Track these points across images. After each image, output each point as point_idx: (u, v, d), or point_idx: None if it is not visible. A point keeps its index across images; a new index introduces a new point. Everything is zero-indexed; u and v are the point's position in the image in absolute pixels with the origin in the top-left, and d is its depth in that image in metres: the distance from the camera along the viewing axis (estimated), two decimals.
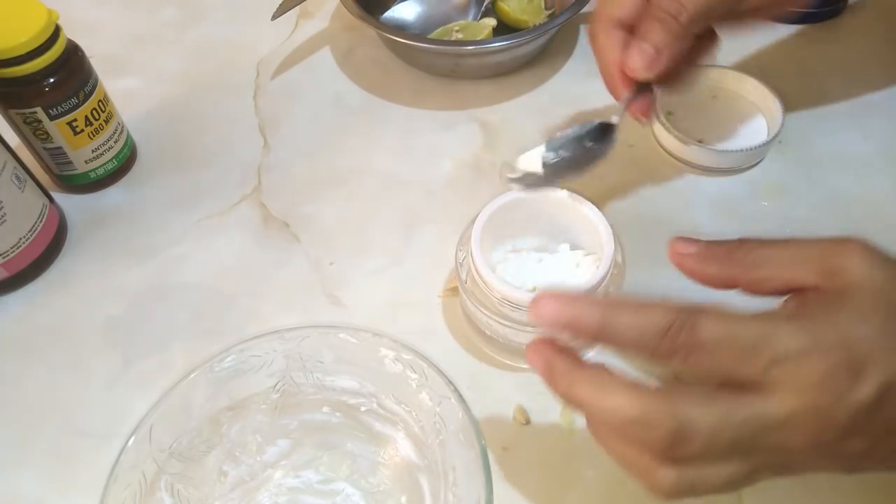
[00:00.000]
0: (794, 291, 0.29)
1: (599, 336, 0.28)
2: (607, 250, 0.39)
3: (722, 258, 0.30)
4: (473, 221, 0.41)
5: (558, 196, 0.41)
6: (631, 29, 0.38)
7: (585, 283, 0.38)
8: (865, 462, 0.28)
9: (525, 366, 0.43)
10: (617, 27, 0.38)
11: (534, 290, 0.41)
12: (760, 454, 0.27)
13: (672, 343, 0.27)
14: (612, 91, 0.39)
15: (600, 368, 0.28)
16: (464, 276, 0.42)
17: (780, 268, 0.29)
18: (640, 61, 0.36)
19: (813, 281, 0.28)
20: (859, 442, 0.27)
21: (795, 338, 0.26)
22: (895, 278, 0.27)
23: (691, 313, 0.27)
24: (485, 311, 0.40)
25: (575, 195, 0.41)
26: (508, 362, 0.43)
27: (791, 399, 0.26)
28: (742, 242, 0.30)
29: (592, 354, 0.38)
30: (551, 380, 0.29)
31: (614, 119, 0.40)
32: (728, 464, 0.27)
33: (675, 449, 0.26)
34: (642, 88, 0.39)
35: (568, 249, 0.43)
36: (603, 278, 0.39)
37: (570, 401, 0.29)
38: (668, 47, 0.36)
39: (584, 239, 0.42)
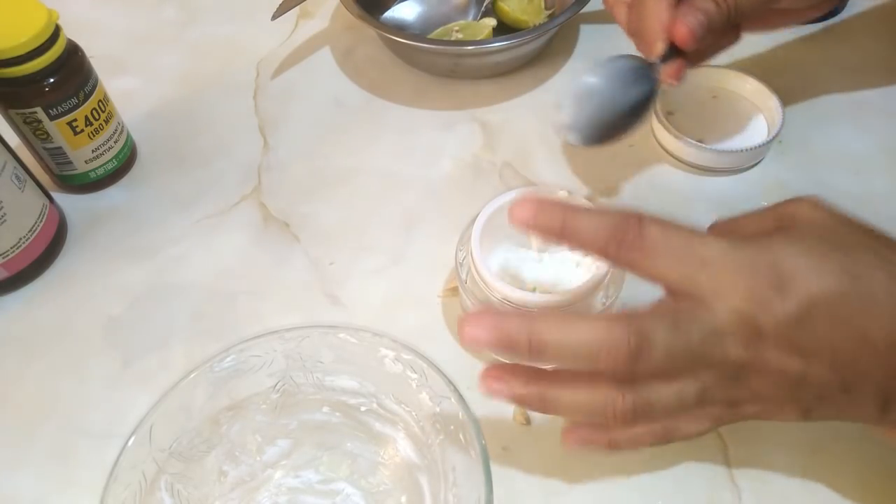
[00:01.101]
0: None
1: (562, 234, 0.30)
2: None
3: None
4: (473, 221, 0.41)
5: (558, 196, 0.41)
6: None
7: (585, 282, 0.38)
8: (808, 395, 0.30)
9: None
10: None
11: (534, 289, 0.41)
12: (708, 370, 0.29)
13: (621, 238, 0.30)
14: (648, 48, 0.40)
15: (549, 313, 0.32)
16: (464, 276, 0.42)
17: (751, 223, 0.33)
18: (697, 28, 0.38)
19: (771, 226, 0.32)
20: (795, 362, 0.29)
21: (725, 250, 0.29)
22: (836, 218, 0.31)
23: (640, 218, 0.30)
24: (476, 304, 0.40)
25: (574, 195, 0.41)
26: (508, 362, 0.43)
27: (722, 307, 0.28)
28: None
29: None
30: (510, 341, 0.29)
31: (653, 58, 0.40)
32: (679, 380, 0.29)
33: (637, 363, 0.28)
34: (671, 54, 0.40)
35: (568, 249, 0.43)
36: (603, 278, 0.39)
37: (537, 350, 0.29)
38: (715, 24, 0.39)
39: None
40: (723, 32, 0.40)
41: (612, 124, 0.39)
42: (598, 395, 0.30)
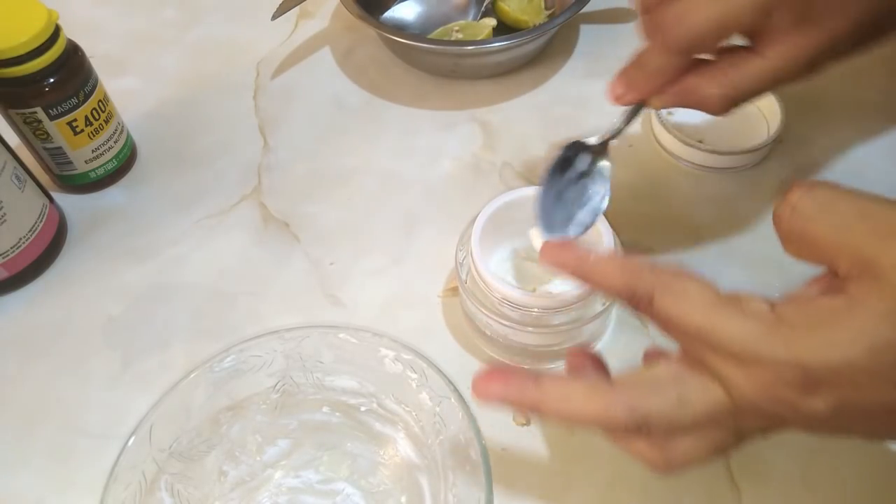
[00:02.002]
0: (830, 272, 0.27)
1: (575, 276, 0.32)
2: (607, 250, 0.39)
3: (777, 223, 0.29)
4: (474, 221, 0.41)
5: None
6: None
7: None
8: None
9: (526, 366, 0.43)
10: (687, 58, 0.35)
11: (534, 290, 0.41)
12: (718, 430, 0.28)
13: (634, 306, 0.29)
14: (626, 95, 0.37)
15: (555, 378, 0.30)
16: (464, 276, 0.42)
17: (817, 243, 0.27)
18: (619, 88, 0.36)
19: (844, 270, 0.26)
20: (818, 431, 0.27)
21: (735, 341, 0.26)
22: None
23: (651, 291, 0.28)
24: (485, 311, 0.40)
25: None
26: (508, 362, 0.43)
27: (734, 392, 0.26)
28: (778, 209, 0.28)
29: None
30: (518, 404, 0.30)
31: (592, 140, 0.38)
32: (694, 437, 0.28)
33: (641, 434, 0.28)
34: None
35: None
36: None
37: (541, 416, 0.31)
38: (653, 68, 0.35)
39: (585, 239, 0.42)
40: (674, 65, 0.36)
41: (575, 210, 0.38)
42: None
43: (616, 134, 0.38)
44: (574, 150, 0.38)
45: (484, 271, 0.39)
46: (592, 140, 0.38)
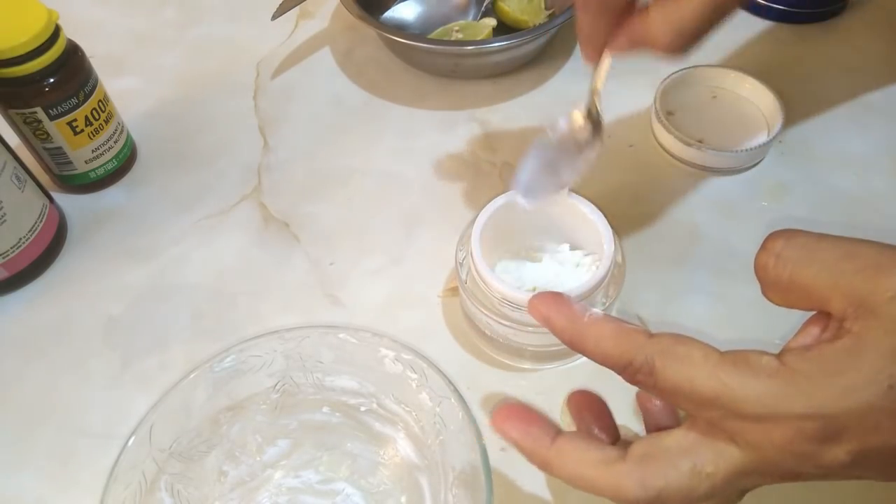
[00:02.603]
0: (822, 313, 0.27)
1: (572, 345, 0.29)
2: (607, 250, 0.39)
3: (761, 272, 0.29)
4: (474, 221, 0.41)
5: (559, 196, 0.41)
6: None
7: (585, 283, 0.38)
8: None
9: (526, 366, 0.43)
10: (613, 8, 0.36)
11: (534, 289, 0.41)
12: (737, 491, 0.28)
13: (632, 379, 0.28)
14: (587, 58, 0.38)
15: (571, 440, 0.29)
16: (464, 276, 0.42)
17: (803, 294, 0.27)
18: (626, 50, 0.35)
19: (839, 310, 0.26)
20: (837, 478, 0.27)
21: (755, 402, 0.25)
22: None
23: (652, 360, 0.27)
24: (485, 311, 0.40)
25: (575, 195, 0.41)
26: (508, 362, 0.43)
27: (753, 454, 0.26)
28: (759, 257, 0.28)
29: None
30: (530, 458, 0.30)
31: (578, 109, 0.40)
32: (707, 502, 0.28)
33: None
34: None
35: (568, 249, 0.43)
36: (603, 278, 0.39)
37: (550, 475, 0.30)
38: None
39: (585, 239, 0.42)
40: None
41: (555, 179, 0.40)
42: None
43: (593, 93, 0.39)
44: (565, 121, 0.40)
45: (484, 271, 0.39)
46: (578, 109, 0.39)
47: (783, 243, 0.27)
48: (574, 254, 0.43)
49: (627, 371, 0.28)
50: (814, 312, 0.28)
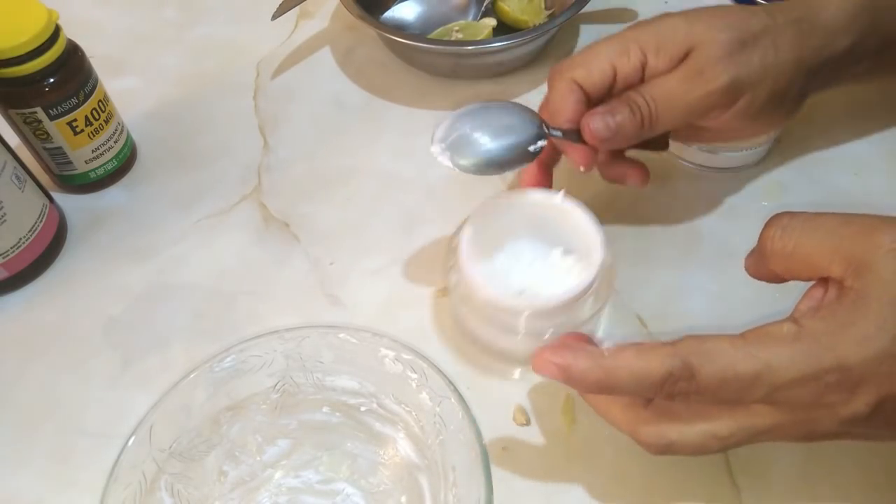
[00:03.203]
0: (822, 279, 0.29)
1: (601, 390, 0.30)
2: (595, 258, 0.38)
3: (758, 254, 0.32)
4: (462, 227, 0.40)
5: (552, 200, 0.41)
6: (588, 95, 0.39)
7: (572, 287, 0.37)
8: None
9: (517, 370, 0.43)
10: (578, 87, 0.39)
11: (522, 293, 0.40)
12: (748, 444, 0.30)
13: (671, 391, 0.28)
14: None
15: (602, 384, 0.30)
16: (453, 282, 0.41)
17: (805, 259, 0.29)
18: (602, 131, 0.38)
19: (838, 273, 0.28)
20: (849, 437, 0.28)
21: (791, 368, 0.27)
22: None
23: (687, 360, 0.28)
24: (473, 317, 0.39)
25: (570, 199, 0.41)
26: (499, 365, 0.43)
27: (780, 415, 0.28)
28: (767, 227, 0.31)
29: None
30: (568, 383, 0.31)
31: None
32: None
33: (666, 454, 0.30)
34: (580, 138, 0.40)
35: (560, 254, 0.42)
36: (590, 285, 0.38)
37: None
38: (627, 133, 0.38)
39: (577, 244, 0.41)
40: (641, 139, 0.39)
41: (487, 154, 0.38)
42: None
43: (549, 127, 0.40)
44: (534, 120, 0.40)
45: (471, 274, 0.38)
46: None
47: (788, 218, 0.30)
48: (565, 259, 0.42)
49: (668, 383, 0.28)
50: (813, 283, 0.30)
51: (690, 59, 0.37)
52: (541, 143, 0.39)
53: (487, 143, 0.38)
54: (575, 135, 0.40)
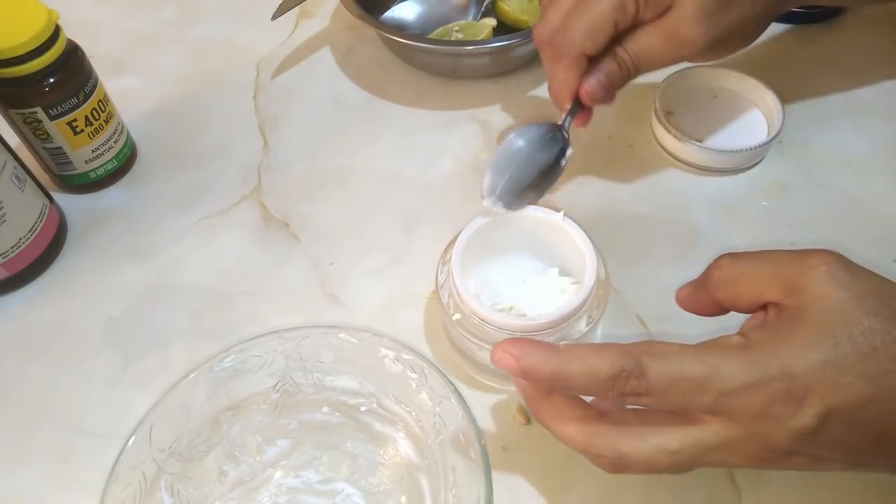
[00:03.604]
0: (763, 307, 0.30)
1: (552, 385, 0.30)
2: (587, 283, 0.38)
3: (700, 284, 0.33)
4: (456, 239, 0.40)
5: (552, 218, 0.40)
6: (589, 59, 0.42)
7: (562, 307, 0.37)
8: (822, 469, 0.29)
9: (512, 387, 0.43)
10: (583, 60, 0.41)
11: (510, 309, 0.40)
12: (700, 466, 0.30)
13: (622, 388, 0.29)
14: (560, 103, 0.43)
15: (560, 399, 0.32)
16: (445, 299, 0.41)
17: (749, 285, 0.31)
18: (597, 90, 0.41)
19: (776, 297, 0.29)
20: (801, 460, 0.28)
21: (738, 373, 0.27)
22: (855, 297, 0.28)
23: (638, 359, 0.28)
24: (466, 334, 0.39)
25: (568, 219, 0.40)
26: (493, 385, 0.42)
27: (729, 427, 0.28)
28: (716, 261, 0.32)
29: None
30: (523, 374, 0.31)
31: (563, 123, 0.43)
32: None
33: (619, 470, 0.30)
34: (579, 108, 0.43)
35: (557, 274, 0.41)
36: (582, 305, 0.37)
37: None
38: (617, 83, 0.42)
39: (573, 266, 0.41)
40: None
41: (529, 186, 0.41)
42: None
43: (564, 123, 0.43)
44: (553, 131, 0.43)
45: (461, 288, 0.38)
46: (545, 125, 0.42)
47: (735, 255, 0.32)
48: (561, 280, 0.41)
49: (619, 379, 0.29)
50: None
51: (670, 15, 0.40)
52: (569, 153, 0.42)
53: (527, 180, 0.41)
54: (577, 104, 0.43)
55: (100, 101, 0.50)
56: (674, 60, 0.42)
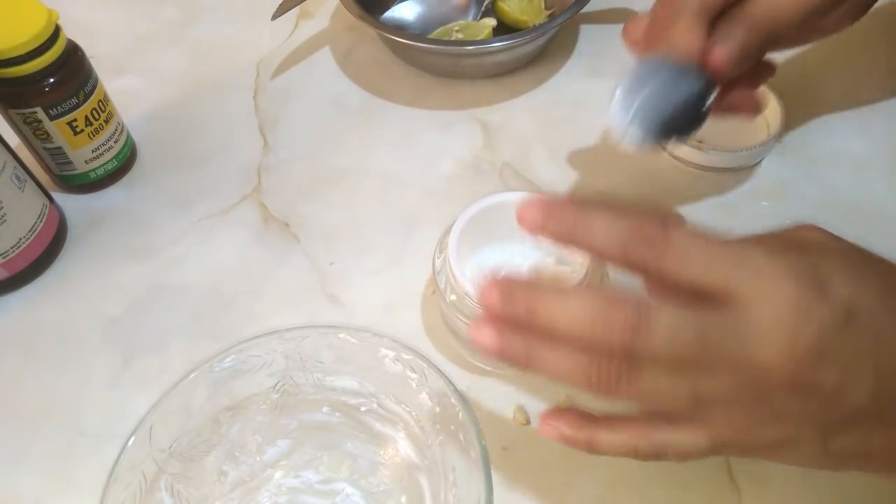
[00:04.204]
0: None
1: (573, 237, 0.28)
2: (582, 272, 0.38)
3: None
4: (451, 227, 0.40)
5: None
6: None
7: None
8: (836, 415, 0.26)
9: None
10: (707, 19, 0.36)
11: None
12: (718, 377, 0.26)
13: (645, 242, 0.27)
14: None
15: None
16: (442, 285, 0.41)
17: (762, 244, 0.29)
18: (736, 52, 0.35)
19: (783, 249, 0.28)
20: (832, 374, 0.26)
21: (767, 256, 0.27)
22: (845, 242, 0.29)
23: (664, 220, 0.27)
24: (463, 319, 0.39)
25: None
26: (488, 367, 0.43)
27: (762, 312, 0.25)
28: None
29: None
30: (511, 305, 0.28)
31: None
32: (682, 376, 0.26)
33: (636, 340, 0.26)
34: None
35: (553, 263, 0.41)
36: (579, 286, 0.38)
37: (535, 320, 0.28)
38: (752, 51, 0.36)
39: (570, 255, 0.41)
40: (757, 61, 0.37)
41: (671, 118, 0.35)
42: (586, 356, 0.27)
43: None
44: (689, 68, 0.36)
45: (457, 268, 0.38)
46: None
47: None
48: (559, 269, 0.41)
49: (643, 235, 0.27)
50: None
51: None
52: (714, 93, 0.36)
53: (668, 110, 0.35)
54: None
55: (100, 101, 0.50)
56: (806, 11, 0.35)
